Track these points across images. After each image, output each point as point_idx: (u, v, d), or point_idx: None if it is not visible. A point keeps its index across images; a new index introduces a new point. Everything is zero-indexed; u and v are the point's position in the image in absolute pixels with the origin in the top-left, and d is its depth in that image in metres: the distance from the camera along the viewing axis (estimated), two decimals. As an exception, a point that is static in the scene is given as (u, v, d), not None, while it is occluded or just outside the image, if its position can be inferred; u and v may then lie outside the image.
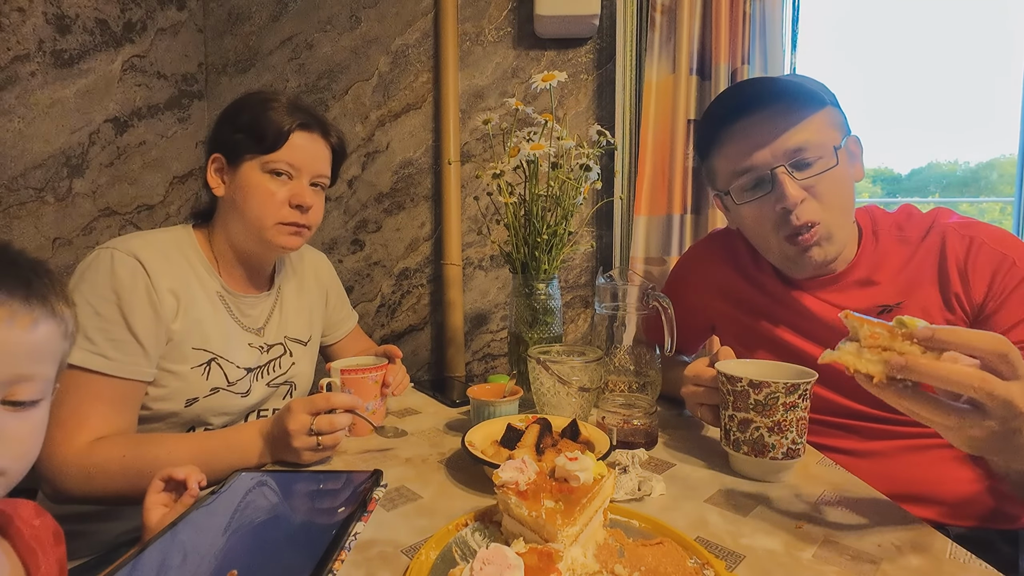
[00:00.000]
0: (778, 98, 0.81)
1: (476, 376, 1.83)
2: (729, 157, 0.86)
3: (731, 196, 0.87)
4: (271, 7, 1.78)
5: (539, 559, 0.45)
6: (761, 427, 0.68)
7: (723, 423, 0.73)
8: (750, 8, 1.48)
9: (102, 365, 0.76)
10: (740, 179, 0.85)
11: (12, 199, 1.31)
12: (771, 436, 0.68)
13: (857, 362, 0.51)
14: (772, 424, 0.68)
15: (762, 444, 0.68)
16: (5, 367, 0.41)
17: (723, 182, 0.89)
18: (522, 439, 0.73)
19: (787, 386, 0.67)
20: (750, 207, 0.86)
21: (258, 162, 0.88)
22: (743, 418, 0.70)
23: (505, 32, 1.72)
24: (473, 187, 1.77)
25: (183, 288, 0.85)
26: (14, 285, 0.42)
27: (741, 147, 0.84)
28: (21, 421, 0.42)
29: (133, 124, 1.57)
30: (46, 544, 0.49)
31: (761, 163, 0.82)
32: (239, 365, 0.91)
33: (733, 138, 0.85)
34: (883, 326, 0.51)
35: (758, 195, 0.84)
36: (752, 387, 0.68)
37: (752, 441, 0.69)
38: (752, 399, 0.68)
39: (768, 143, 0.81)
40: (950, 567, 0.52)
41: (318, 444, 0.73)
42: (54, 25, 1.36)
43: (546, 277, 1.04)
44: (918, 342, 0.48)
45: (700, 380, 0.79)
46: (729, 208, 0.92)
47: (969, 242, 0.80)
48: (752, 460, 0.70)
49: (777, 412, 0.67)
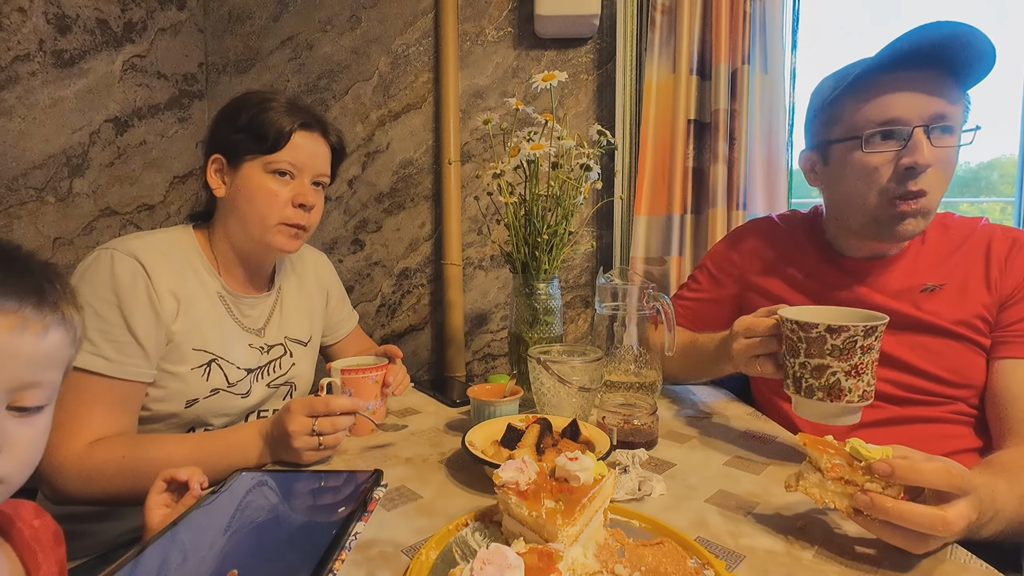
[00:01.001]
0: (953, 63, 0.80)
1: (476, 376, 1.83)
2: (875, 102, 0.83)
3: (858, 142, 0.84)
4: (271, 7, 1.78)
5: (539, 559, 0.45)
6: (838, 371, 0.67)
7: (791, 371, 0.72)
8: (750, 8, 1.48)
9: (102, 367, 0.76)
10: (875, 128, 0.83)
11: (13, 199, 1.31)
12: (848, 380, 0.67)
13: (824, 495, 0.55)
14: (850, 368, 0.67)
15: (839, 389, 0.67)
16: (14, 374, 0.41)
17: (847, 128, 0.86)
18: (522, 439, 0.73)
19: (866, 329, 0.65)
20: (872, 159, 0.84)
21: (260, 162, 0.87)
22: (818, 364, 0.68)
23: (505, 32, 1.72)
24: (473, 187, 1.77)
25: (183, 289, 0.85)
26: (27, 292, 0.42)
27: (894, 95, 0.82)
28: (26, 427, 0.42)
29: (133, 124, 1.57)
30: (46, 545, 0.49)
31: (905, 117, 0.81)
32: (239, 366, 0.91)
33: (885, 83, 0.82)
34: (841, 455, 0.55)
35: (888, 148, 0.83)
36: (830, 332, 0.66)
37: (828, 386, 0.68)
38: (829, 344, 0.67)
39: (921, 100, 0.80)
40: (951, 567, 0.52)
41: (320, 445, 0.73)
42: (55, 25, 1.36)
43: (546, 277, 1.04)
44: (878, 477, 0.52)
45: (755, 331, 0.77)
46: (832, 161, 0.90)
47: (1012, 242, 0.87)
48: (827, 405, 0.68)
49: (855, 355, 0.66)
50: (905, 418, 0.86)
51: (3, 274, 0.41)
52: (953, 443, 0.83)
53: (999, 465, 0.67)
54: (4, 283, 0.40)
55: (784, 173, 1.57)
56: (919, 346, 0.86)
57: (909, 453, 0.55)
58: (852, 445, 0.55)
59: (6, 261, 0.42)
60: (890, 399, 0.87)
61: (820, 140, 0.92)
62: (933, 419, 0.85)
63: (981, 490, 0.54)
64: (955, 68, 0.81)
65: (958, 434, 0.85)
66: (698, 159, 1.56)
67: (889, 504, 0.50)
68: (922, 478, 0.51)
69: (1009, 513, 0.58)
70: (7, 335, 0.40)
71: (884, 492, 0.52)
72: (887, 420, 0.87)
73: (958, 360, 0.85)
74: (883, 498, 0.51)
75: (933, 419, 0.85)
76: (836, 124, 0.88)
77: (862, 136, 0.84)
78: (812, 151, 0.95)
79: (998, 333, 0.84)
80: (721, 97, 1.49)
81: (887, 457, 0.53)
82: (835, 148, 0.89)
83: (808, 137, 0.97)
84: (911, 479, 0.51)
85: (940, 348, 0.85)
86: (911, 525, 0.50)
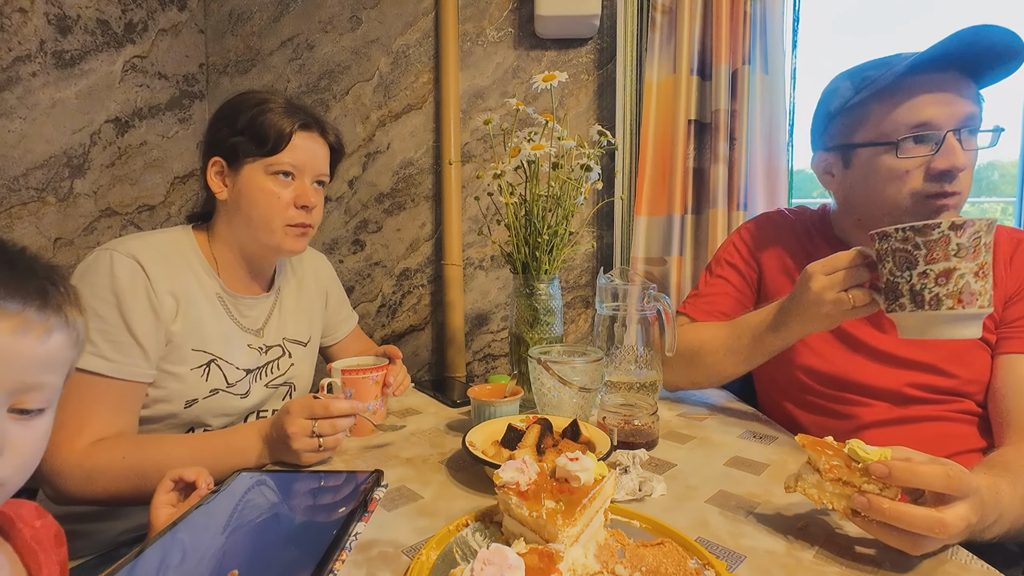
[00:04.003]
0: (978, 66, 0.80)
1: (477, 376, 1.83)
2: (908, 106, 0.81)
3: (893, 147, 0.82)
4: (272, 8, 1.78)
5: (540, 559, 0.45)
6: (967, 273, 0.62)
7: (906, 287, 0.66)
8: (750, 8, 1.48)
9: (103, 367, 0.76)
10: (910, 132, 0.81)
11: (14, 199, 1.31)
12: (977, 282, 0.63)
13: (822, 496, 0.55)
14: (978, 268, 0.62)
15: (970, 292, 0.63)
16: (16, 376, 0.41)
17: (874, 131, 0.84)
18: (523, 439, 0.72)
19: (988, 223, 0.62)
20: (903, 162, 0.82)
21: (260, 164, 0.87)
22: (944, 268, 0.63)
23: (506, 32, 1.72)
24: (474, 187, 1.77)
25: (182, 289, 0.85)
26: (30, 294, 0.42)
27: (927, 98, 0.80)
28: (26, 430, 0.42)
29: (134, 124, 1.57)
30: (47, 545, 0.49)
31: (937, 121, 0.80)
32: (238, 366, 0.91)
33: (917, 87, 0.81)
34: (840, 456, 0.55)
35: (919, 152, 0.81)
36: (954, 229, 0.62)
37: (959, 292, 0.63)
38: (954, 243, 0.62)
39: (953, 103, 0.80)
40: (952, 567, 0.52)
41: (319, 446, 0.73)
42: (55, 26, 1.36)
43: (547, 277, 1.04)
44: (876, 479, 0.52)
45: (837, 264, 0.73)
46: (854, 165, 0.89)
47: (1017, 243, 0.88)
48: (959, 313, 0.63)
49: (980, 253, 0.62)
50: (911, 418, 0.86)
51: (7, 275, 0.41)
52: (958, 443, 0.84)
53: (1001, 465, 0.67)
54: (8, 285, 0.40)
55: (785, 173, 1.57)
56: (928, 344, 0.86)
57: (910, 455, 0.55)
58: (851, 447, 0.55)
59: (10, 263, 0.42)
60: (898, 398, 0.88)
61: (840, 143, 0.91)
62: (939, 418, 0.86)
63: (984, 492, 0.54)
64: (979, 70, 0.81)
65: (963, 434, 0.85)
66: (698, 159, 1.56)
67: (886, 506, 0.51)
68: (919, 480, 0.51)
69: (1013, 514, 0.58)
70: (10, 337, 0.40)
71: (882, 493, 0.52)
72: (894, 420, 0.87)
73: (966, 356, 0.85)
74: (880, 500, 0.51)
75: (939, 418, 0.86)
76: (861, 127, 0.87)
77: (895, 141, 0.82)
78: (829, 152, 0.93)
79: (1002, 330, 0.85)
80: (721, 97, 1.49)
81: (885, 459, 0.53)
82: (860, 152, 0.87)
83: (822, 139, 0.95)
84: (908, 481, 0.51)
85: (949, 344, 0.85)
86: (908, 527, 0.50)
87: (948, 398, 0.86)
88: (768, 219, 1.11)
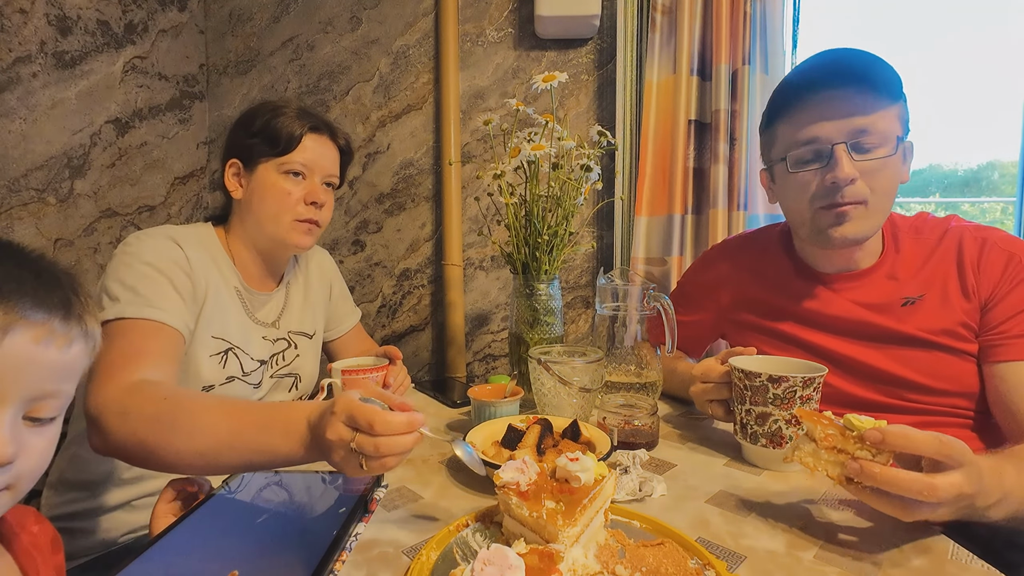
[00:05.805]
0: (863, 80, 0.83)
1: (477, 377, 1.83)
2: (797, 125, 0.87)
3: (786, 163, 0.89)
4: (272, 8, 1.78)
5: (540, 560, 0.45)
6: (779, 419, 0.72)
7: (739, 417, 0.77)
8: (750, 8, 1.48)
9: (151, 313, 0.78)
10: (800, 149, 0.87)
11: (14, 200, 1.31)
12: (788, 428, 0.72)
13: (818, 463, 0.58)
14: (790, 416, 0.71)
15: (780, 435, 0.72)
16: (36, 384, 0.42)
17: (781, 149, 0.90)
18: (523, 440, 0.73)
19: (804, 380, 0.71)
20: (801, 176, 0.87)
21: (273, 164, 0.93)
22: (761, 412, 0.73)
23: (506, 33, 1.72)
24: (474, 187, 1.77)
25: (210, 277, 0.89)
26: (55, 305, 0.42)
27: (812, 116, 0.85)
28: (38, 436, 0.43)
29: (134, 125, 1.57)
30: (44, 551, 0.49)
31: (825, 136, 0.84)
32: (254, 357, 0.95)
33: (806, 107, 0.86)
34: (834, 426, 0.58)
35: (812, 167, 0.86)
36: (771, 382, 0.72)
37: (770, 433, 0.73)
38: (771, 393, 0.72)
39: (838, 118, 0.83)
40: (952, 567, 0.52)
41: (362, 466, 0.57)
42: (56, 26, 1.36)
43: (547, 278, 1.04)
44: (869, 444, 0.54)
45: (709, 377, 0.82)
46: (776, 179, 0.95)
47: (982, 243, 0.86)
48: (770, 452, 0.73)
49: (794, 405, 0.71)
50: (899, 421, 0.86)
51: (33, 285, 0.41)
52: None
53: (1009, 452, 0.67)
54: (34, 295, 0.41)
55: (785, 173, 1.57)
56: (905, 359, 0.86)
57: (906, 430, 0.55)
58: (847, 418, 0.57)
59: (36, 272, 0.43)
60: (880, 409, 0.86)
61: (766, 160, 0.98)
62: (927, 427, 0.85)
63: (983, 467, 0.55)
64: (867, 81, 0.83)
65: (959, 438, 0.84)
66: (699, 159, 1.56)
67: (877, 470, 0.53)
68: (911, 444, 0.53)
69: (1018, 496, 0.58)
70: (34, 346, 0.41)
71: (874, 459, 0.54)
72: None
73: (946, 369, 0.84)
74: (872, 464, 0.53)
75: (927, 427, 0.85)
76: (774, 146, 0.93)
77: (786, 158, 0.89)
78: (763, 170, 1.00)
79: (986, 337, 0.83)
80: (722, 97, 1.49)
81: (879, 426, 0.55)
82: (775, 168, 0.94)
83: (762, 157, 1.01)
84: (901, 445, 0.53)
85: (927, 359, 0.85)
86: (898, 490, 0.52)
87: (934, 409, 0.85)
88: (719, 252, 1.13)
